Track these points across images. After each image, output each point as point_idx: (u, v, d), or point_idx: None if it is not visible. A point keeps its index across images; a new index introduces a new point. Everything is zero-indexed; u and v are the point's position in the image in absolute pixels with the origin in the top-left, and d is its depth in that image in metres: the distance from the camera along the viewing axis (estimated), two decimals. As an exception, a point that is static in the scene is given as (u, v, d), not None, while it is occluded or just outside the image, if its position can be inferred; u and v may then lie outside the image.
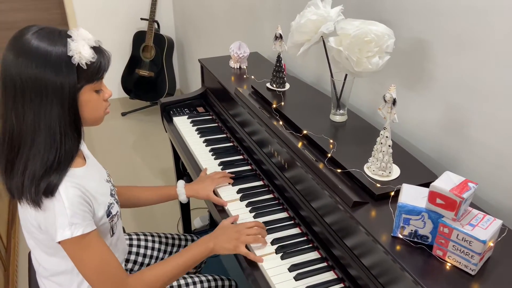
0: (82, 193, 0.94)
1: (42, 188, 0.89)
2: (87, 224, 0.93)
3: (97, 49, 0.93)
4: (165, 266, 1.06)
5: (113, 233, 1.08)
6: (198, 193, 1.33)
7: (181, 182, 1.36)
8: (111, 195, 1.07)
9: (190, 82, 3.51)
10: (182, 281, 1.23)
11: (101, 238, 0.98)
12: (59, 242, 0.92)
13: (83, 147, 1.07)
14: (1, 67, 0.89)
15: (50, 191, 0.90)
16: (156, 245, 1.39)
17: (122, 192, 1.30)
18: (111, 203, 1.05)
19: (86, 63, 0.89)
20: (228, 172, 1.39)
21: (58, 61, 0.87)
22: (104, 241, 1.00)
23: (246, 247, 1.11)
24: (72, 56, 0.88)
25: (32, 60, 0.86)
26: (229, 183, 1.35)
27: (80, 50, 0.88)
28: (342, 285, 1.02)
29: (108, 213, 1.03)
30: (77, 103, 0.92)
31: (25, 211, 0.96)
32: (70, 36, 0.89)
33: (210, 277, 1.28)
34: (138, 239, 1.37)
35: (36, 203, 0.90)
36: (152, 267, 1.06)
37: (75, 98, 0.91)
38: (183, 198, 1.34)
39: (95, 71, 0.92)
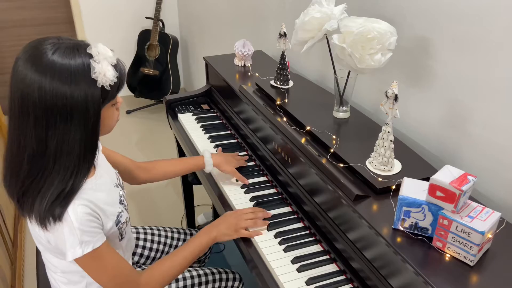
0: (91, 210, 0.92)
1: (50, 214, 0.87)
2: (97, 239, 0.93)
3: (117, 66, 0.90)
4: (172, 259, 1.09)
5: (121, 238, 1.09)
6: (223, 165, 1.35)
7: (208, 152, 1.39)
8: (120, 202, 1.06)
9: (194, 81, 3.54)
10: (187, 274, 1.25)
11: (111, 247, 0.99)
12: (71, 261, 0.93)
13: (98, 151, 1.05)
14: (20, 88, 0.83)
15: (59, 217, 0.88)
16: (162, 239, 1.41)
17: (149, 169, 1.33)
18: (120, 212, 1.04)
19: (110, 84, 0.87)
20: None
21: (82, 82, 0.84)
22: (113, 246, 1.02)
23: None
24: (96, 79, 0.85)
25: (56, 81, 0.82)
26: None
27: (105, 73, 0.85)
28: (344, 277, 1.05)
29: (117, 222, 1.03)
30: (99, 122, 0.90)
31: (33, 228, 0.95)
32: (91, 56, 0.85)
33: (214, 270, 1.31)
34: (145, 233, 1.40)
35: (45, 226, 0.89)
36: (160, 262, 1.08)
37: (99, 118, 0.89)
38: (209, 168, 1.37)
39: (115, 88, 0.90)
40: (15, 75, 0.84)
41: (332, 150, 1.15)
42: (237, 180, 1.37)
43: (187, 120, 1.74)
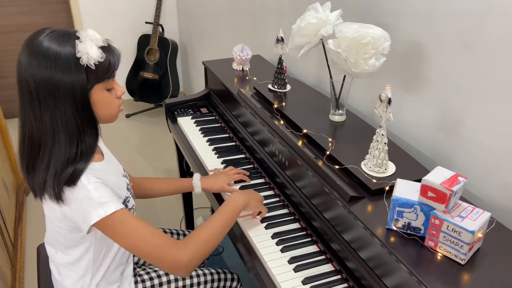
0: (100, 180, 0.97)
1: (64, 179, 0.92)
2: (117, 202, 0.96)
3: (106, 48, 0.94)
4: (210, 224, 1.07)
5: None
6: (212, 186, 1.35)
7: (197, 175, 1.39)
8: (127, 189, 1.11)
9: (193, 85, 3.57)
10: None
11: (134, 216, 0.98)
12: (92, 226, 0.95)
13: (101, 144, 1.10)
14: (17, 71, 0.93)
15: (73, 180, 0.93)
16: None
17: (139, 184, 1.34)
18: (127, 197, 1.08)
19: (94, 63, 0.91)
20: (231, 170, 1.44)
21: (67, 62, 0.90)
22: None
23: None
24: (80, 58, 0.90)
25: (43, 61, 0.89)
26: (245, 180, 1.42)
27: (88, 51, 0.90)
28: (339, 276, 1.07)
29: (125, 207, 1.04)
30: (89, 102, 0.95)
31: (49, 207, 1.00)
32: (78, 38, 0.92)
33: (213, 270, 1.33)
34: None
35: (59, 197, 0.93)
36: (199, 228, 1.06)
37: (87, 97, 0.94)
38: (198, 191, 1.37)
39: (104, 70, 0.94)
40: (18, 60, 0.93)
41: (328, 153, 1.17)
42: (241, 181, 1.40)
43: (186, 123, 1.77)
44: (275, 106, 1.44)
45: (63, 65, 0.90)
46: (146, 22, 3.46)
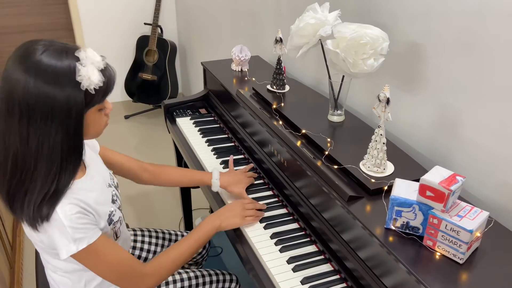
0: (80, 208, 0.93)
1: (38, 216, 0.89)
2: (91, 234, 0.94)
3: (104, 70, 0.90)
4: (178, 249, 1.11)
5: (117, 237, 1.11)
6: (232, 187, 1.32)
7: (217, 172, 1.34)
8: (113, 201, 1.07)
9: (192, 86, 3.57)
10: (184, 275, 1.27)
11: (110, 240, 1.00)
12: (68, 257, 0.93)
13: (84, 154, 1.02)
14: (6, 85, 0.85)
15: (46, 217, 0.89)
16: (160, 241, 1.43)
17: (156, 173, 1.35)
18: (112, 211, 1.05)
19: (94, 88, 0.87)
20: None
21: (66, 83, 0.84)
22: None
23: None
24: (80, 82, 0.85)
25: (39, 80, 0.83)
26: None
27: (90, 76, 0.85)
28: (338, 276, 1.07)
29: (110, 221, 1.04)
30: (82, 124, 0.90)
31: (26, 227, 0.96)
32: (78, 59, 0.86)
33: (211, 272, 1.33)
34: (142, 235, 1.42)
35: (35, 227, 0.90)
36: (166, 252, 1.10)
37: (82, 120, 0.89)
38: (215, 189, 1.34)
39: (101, 93, 0.90)
40: (4, 73, 0.86)
41: (326, 153, 1.17)
42: None
43: (185, 124, 1.77)
44: (274, 106, 1.44)
45: (62, 86, 0.84)
46: (145, 23, 3.46)
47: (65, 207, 0.90)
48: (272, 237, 1.18)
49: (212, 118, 1.82)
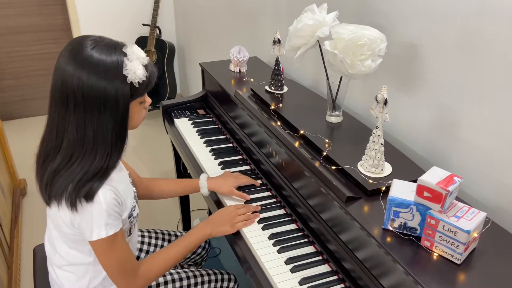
0: (116, 196, 0.99)
1: (83, 193, 0.94)
2: (117, 224, 1.00)
3: (146, 66, 0.98)
4: (168, 252, 1.13)
5: (130, 233, 1.13)
6: (220, 187, 1.34)
7: (204, 176, 1.38)
8: (134, 197, 1.12)
9: (190, 87, 3.57)
10: (183, 275, 1.27)
11: (124, 236, 1.05)
12: (91, 241, 0.98)
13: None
14: (61, 79, 0.92)
15: (91, 196, 0.94)
16: (159, 242, 1.43)
17: (148, 185, 1.35)
18: (134, 206, 1.10)
19: (138, 82, 0.95)
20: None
21: (115, 77, 0.92)
22: None
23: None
24: (126, 75, 0.93)
25: (92, 74, 0.91)
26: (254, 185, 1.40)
27: (135, 70, 0.93)
28: (336, 277, 1.07)
29: (130, 215, 1.08)
30: (128, 115, 0.97)
31: (58, 209, 0.99)
32: (125, 54, 0.94)
33: (210, 271, 1.33)
34: (142, 236, 1.42)
35: (75, 206, 0.94)
36: (156, 254, 1.13)
37: (128, 111, 0.97)
38: (204, 191, 1.36)
39: (144, 86, 0.97)
40: (58, 66, 0.93)
41: (324, 153, 1.18)
42: None
43: (183, 125, 1.77)
44: (272, 107, 1.44)
45: (111, 79, 0.92)
46: (143, 24, 3.46)
47: (106, 192, 0.96)
48: (270, 238, 1.18)
49: (211, 119, 1.82)
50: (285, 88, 1.57)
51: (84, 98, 0.91)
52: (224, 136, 1.69)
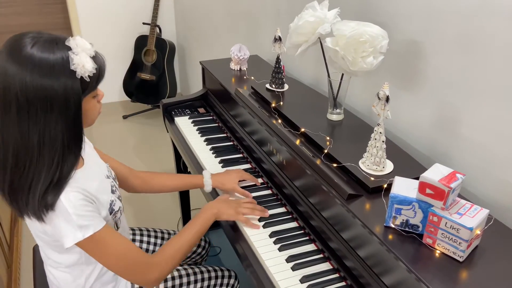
0: (84, 196, 0.94)
1: (43, 205, 0.90)
2: (96, 223, 0.95)
3: (94, 57, 0.91)
4: (181, 238, 1.12)
5: (117, 228, 1.12)
6: (224, 184, 1.33)
7: (207, 173, 1.36)
8: (112, 191, 1.08)
9: (190, 86, 3.56)
10: (183, 272, 1.27)
11: (114, 231, 1.01)
12: (74, 245, 0.94)
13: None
14: (1, 83, 0.85)
15: (51, 206, 0.90)
16: (159, 241, 1.42)
17: (147, 180, 1.34)
18: (113, 200, 1.07)
19: (88, 75, 0.89)
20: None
21: (62, 74, 0.86)
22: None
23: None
24: (75, 70, 0.87)
25: (35, 73, 0.84)
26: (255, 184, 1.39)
27: (84, 64, 0.87)
28: (337, 275, 1.06)
29: (111, 211, 1.05)
30: (81, 113, 0.91)
31: (30, 221, 0.97)
32: (70, 48, 0.87)
33: (210, 268, 1.32)
34: (141, 234, 1.41)
35: (40, 218, 0.91)
36: (170, 242, 1.11)
37: (80, 109, 0.90)
38: (208, 189, 1.35)
39: (95, 79, 0.92)
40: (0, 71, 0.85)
41: (326, 151, 1.17)
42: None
43: (184, 123, 1.77)
44: (273, 105, 1.43)
45: (57, 77, 0.85)
46: (144, 23, 3.46)
47: (69, 195, 0.91)
48: (271, 235, 1.18)
49: (211, 117, 1.81)
50: (286, 86, 1.57)
51: (29, 101, 0.84)
52: (225, 135, 1.69)
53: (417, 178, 0.91)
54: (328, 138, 1.23)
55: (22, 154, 0.88)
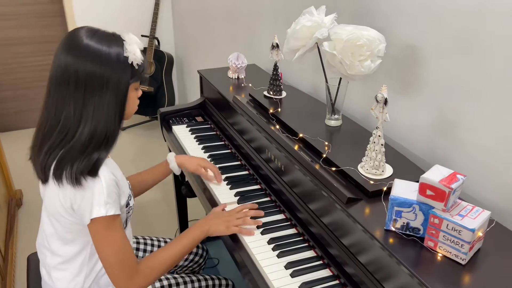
0: (114, 177, 1.02)
1: (88, 166, 0.96)
2: (117, 207, 1.01)
3: (142, 51, 1.04)
4: (167, 251, 1.12)
5: (125, 226, 1.13)
6: (186, 163, 1.41)
7: (171, 153, 1.45)
8: (129, 188, 1.14)
9: (189, 97, 3.56)
10: (180, 280, 1.24)
11: (122, 225, 1.04)
12: (90, 221, 0.98)
13: None
14: (62, 67, 0.97)
15: (95, 170, 0.97)
16: (155, 249, 1.40)
17: (132, 183, 1.33)
18: (130, 195, 1.12)
19: (137, 64, 1.00)
20: (227, 177, 1.42)
21: (116, 60, 0.97)
22: None
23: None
24: (127, 57, 0.98)
25: (94, 60, 0.96)
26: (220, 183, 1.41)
27: (135, 52, 0.99)
28: (337, 281, 1.04)
29: (127, 204, 1.09)
30: (126, 98, 1.01)
31: (57, 193, 1.00)
32: (123, 40, 1.00)
33: (207, 277, 1.30)
34: (137, 242, 1.39)
35: (79, 181, 0.96)
36: (156, 253, 1.11)
37: (127, 93, 1.01)
38: (173, 166, 1.41)
39: (141, 70, 1.03)
40: (57, 59, 0.97)
41: (324, 156, 1.16)
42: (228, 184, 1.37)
43: (181, 131, 1.76)
44: (271, 111, 1.43)
45: (113, 63, 0.97)
46: (142, 35, 3.47)
47: (105, 173, 0.99)
48: (269, 242, 1.15)
49: (209, 126, 1.80)
50: (284, 93, 1.56)
51: (87, 80, 0.95)
52: (223, 142, 1.67)
53: (417, 181, 0.90)
54: (326, 143, 1.22)
55: (73, 125, 0.97)
